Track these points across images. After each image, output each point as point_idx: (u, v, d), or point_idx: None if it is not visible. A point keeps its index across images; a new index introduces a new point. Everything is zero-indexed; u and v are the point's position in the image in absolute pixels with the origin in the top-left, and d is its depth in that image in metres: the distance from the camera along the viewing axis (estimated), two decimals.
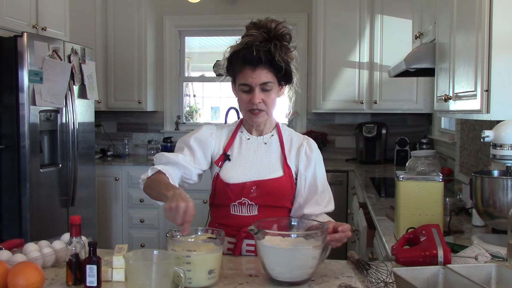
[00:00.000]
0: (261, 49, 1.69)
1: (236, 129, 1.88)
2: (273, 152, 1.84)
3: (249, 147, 1.84)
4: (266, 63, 1.70)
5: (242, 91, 1.75)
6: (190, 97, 5.65)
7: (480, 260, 1.50)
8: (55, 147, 3.63)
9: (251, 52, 1.68)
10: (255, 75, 1.71)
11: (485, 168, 2.54)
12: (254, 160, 1.82)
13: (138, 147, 5.31)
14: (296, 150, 1.85)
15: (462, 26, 1.96)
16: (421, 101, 4.47)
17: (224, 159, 1.82)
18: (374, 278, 1.42)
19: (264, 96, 1.73)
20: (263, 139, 1.86)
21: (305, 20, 4.96)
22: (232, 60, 1.76)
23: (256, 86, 1.72)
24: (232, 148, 1.85)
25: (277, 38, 1.71)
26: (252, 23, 1.75)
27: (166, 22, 5.18)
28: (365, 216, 2.85)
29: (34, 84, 3.29)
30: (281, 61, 1.70)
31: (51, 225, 3.49)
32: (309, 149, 1.85)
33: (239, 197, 1.77)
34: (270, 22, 1.72)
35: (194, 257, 1.36)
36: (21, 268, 1.32)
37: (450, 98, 2.09)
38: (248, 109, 1.76)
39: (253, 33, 1.71)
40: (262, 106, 1.75)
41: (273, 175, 1.79)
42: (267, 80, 1.72)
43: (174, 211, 1.40)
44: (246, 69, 1.71)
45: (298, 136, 1.90)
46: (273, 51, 1.69)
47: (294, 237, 1.46)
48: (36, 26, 3.59)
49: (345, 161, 4.82)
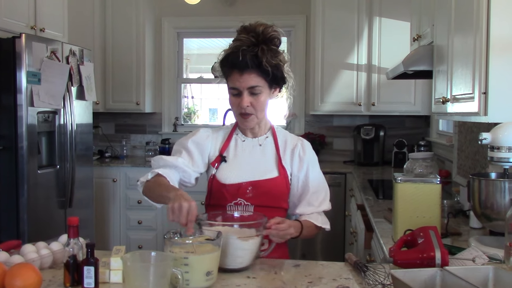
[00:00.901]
0: (248, 53, 1.71)
1: (231, 131, 1.91)
2: (268, 153, 1.86)
3: (245, 149, 1.87)
4: (253, 67, 1.72)
5: (231, 94, 1.79)
6: (188, 99, 5.65)
7: (477, 262, 1.50)
8: (53, 148, 3.62)
9: (238, 57, 1.71)
10: (242, 79, 1.73)
11: (483, 170, 2.54)
12: (250, 161, 1.84)
13: (136, 148, 5.31)
14: (291, 151, 1.87)
15: (460, 28, 1.96)
16: (419, 103, 4.48)
17: (220, 160, 1.85)
18: (372, 280, 1.42)
19: (252, 100, 1.76)
20: (258, 141, 1.88)
21: (303, 22, 4.97)
22: (223, 63, 1.79)
23: (244, 90, 1.74)
24: (228, 150, 1.87)
25: (265, 42, 1.73)
26: (242, 27, 1.78)
27: (164, 24, 5.18)
28: (363, 218, 2.86)
29: (32, 85, 3.29)
30: (268, 66, 1.72)
31: (48, 227, 3.48)
32: (303, 151, 1.87)
33: (235, 198, 1.79)
34: (259, 26, 1.75)
35: (192, 259, 1.36)
36: (19, 270, 1.32)
37: (448, 101, 2.09)
38: (238, 113, 1.79)
39: (242, 38, 1.74)
40: (251, 110, 1.77)
41: (268, 175, 1.81)
42: (255, 84, 1.74)
43: (177, 212, 1.43)
44: (234, 73, 1.74)
45: (292, 138, 1.92)
46: (260, 55, 1.71)
47: (235, 227, 1.58)
48: (35, 27, 3.59)
49: (343, 163, 4.82)
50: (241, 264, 1.52)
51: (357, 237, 3.02)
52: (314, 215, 1.85)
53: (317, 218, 1.85)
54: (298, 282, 1.45)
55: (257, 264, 1.61)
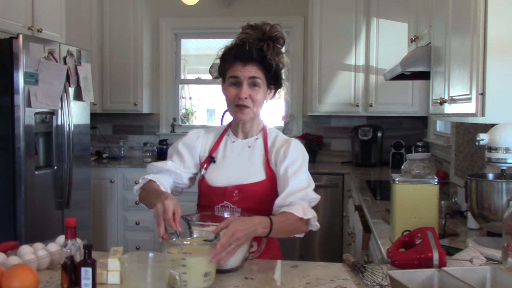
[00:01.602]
0: (254, 46, 1.72)
1: (223, 132, 1.90)
2: (256, 155, 1.83)
3: (233, 150, 1.86)
4: (257, 60, 1.73)
5: (230, 84, 1.77)
6: (186, 100, 5.65)
7: (475, 263, 1.51)
8: (50, 149, 3.61)
9: (244, 48, 1.72)
10: (244, 70, 1.73)
11: (480, 171, 2.55)
12: (237, 164, 1.82)
13: (134, 149, 5.30)
14: (276, 150, 1.82)
15: (458, 29, 1.97)
16: (417, 104, 4.48)
17: (209, 161, 1.85)
18: (370, 281, 1.42)
19: (251, 92, 1.75)
20: (247, 143, 1.86)
21: (301, 23, 4.97)
22: (225, 57, 1.78)
23: (245, 80, 1.74)
24: (218, 151, 1.87)
25: (271, 39, 1.75)
26: (248, 25, 1.79)
27: (162, 24, 5.18)
28: (360, 219, 2.85)
29: (30, 86, 3.28)
30: (272, 60, 1.73)
31: (46, 227, 3.47)
32: (288, 148, 1.79)
33: (222, 201, 1.79)
34: (265, 25, 1.77)
35: (190, 260, 1.36)
36: (16, 271, 1.31)
37: (445, 101, 2.10)
38: (235, 104, 1.77)
39: (248, 32, 1.75)
40: (249, 103, 1.75)
41: (254, 178, 1.79)
42: (256, 75, 1.74)
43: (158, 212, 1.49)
44: (236, 63, 1.75)
45: (282, 138, 1.87)
46: (266, 50, 1.72)
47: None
48: (32, 28, 3.58)
49: (340, 164, 4.83)
50: (229, 265, 1.51)
51: (355, 238, 3.03)
52: (294, 207, 1.67)
53: (297, 209, 1.66)
54: (296, 283, 1.45)
55: (254, 265, 1.60)
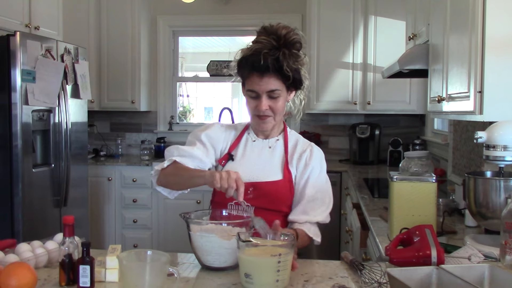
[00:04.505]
0: (270, 57, 1.67)
1: (243, 130, 1.90)
2: (276, 156, 1.84)
3: (253, 149, 1.86)
4: (274, 71, 1.68)
5: (249, 96, 1.76)
6: (183, 97, 5.64)
7: (473, 260, 1.51)
8: (48, 147, 3.61)
9: (259, 60, 1.67)
10: (262, 83, 1.70)
11: (478, 169, 2.55)
12: (256, 163, 1.82)
13: (131, 147, 5.29)
14: (299, 155, 1.85)
15: (456, 27, 1.97)
16: (414, 102, 4.49)
17: (228, 158, 1.84)
18: (368, 279, 1.42)
19: (271, 103, 1.74)
20: (268, 143, 1.87)
21: (299, 21, 4.96)
22: (241, 64, 1.75)
23: (263, 93, 1.72)
24: (237, 149, 1.86)
25: (287, 46, 1.69)
26: (263, 28, 1.73)
27: (160, 22, 5.17)
28: (358, 216, 2.86)
29: (27, 84, 3.27)
30: (289, 70, 1.68)
31: (43, 225, 3.47)
32: (310, 156, 1.85)
33: None
34: (281, 28, 1.70)
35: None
36: (14, 269, 1.31)
37: (443, 99, 2.10)
38: (255, 114, 1.77)
39: (262, 40, 1.69)
40: (269, 112, 1.75)
41: (271, 178, 1.80)
42: (275, 88, 1.71)
43: (225, 178, 1.48)
44: (253, 75, 1.71)
45: (303, 142, 1.90)
46: (282, 59, 1.67)
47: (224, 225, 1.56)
48: (29, 25, 3.57)
49: (338, 162, 4.83)
50: (226, 263, 1.50)
51: (353, 236, 3.03)
52: (306, 225, 1.78)
53: (309, 228, 1.78)
54: (294, 281, 1.45)
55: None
